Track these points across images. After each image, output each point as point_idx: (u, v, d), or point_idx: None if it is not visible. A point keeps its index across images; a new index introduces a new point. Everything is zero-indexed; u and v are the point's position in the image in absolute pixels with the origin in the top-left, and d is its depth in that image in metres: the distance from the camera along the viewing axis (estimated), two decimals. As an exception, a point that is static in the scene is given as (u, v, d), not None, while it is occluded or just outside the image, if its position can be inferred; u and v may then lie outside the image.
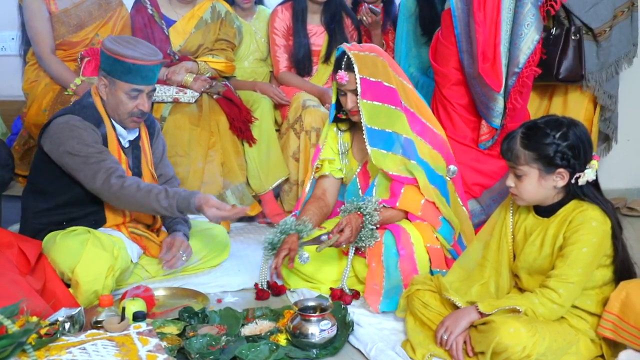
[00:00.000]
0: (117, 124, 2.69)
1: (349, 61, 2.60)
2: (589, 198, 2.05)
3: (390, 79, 2.66)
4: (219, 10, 3.68)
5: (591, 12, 3.35)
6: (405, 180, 2.64)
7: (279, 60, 3.86)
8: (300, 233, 2.64)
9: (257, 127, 3.60)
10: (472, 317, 2.08)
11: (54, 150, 2.58)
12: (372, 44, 2.78)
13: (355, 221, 2.53)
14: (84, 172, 2.55)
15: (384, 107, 2.63)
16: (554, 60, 3.31)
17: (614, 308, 1.99)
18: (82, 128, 2.57)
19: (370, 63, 2.63)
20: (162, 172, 2.90)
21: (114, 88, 2.62)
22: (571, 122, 2.05)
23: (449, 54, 3.14)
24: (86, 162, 2.53)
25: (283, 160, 3.65)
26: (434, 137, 2.76)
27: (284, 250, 2.60)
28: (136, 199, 2.52)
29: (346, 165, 2.85)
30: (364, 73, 2.60)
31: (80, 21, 3.41)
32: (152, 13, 3.56)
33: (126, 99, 2.61)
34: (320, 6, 3.83)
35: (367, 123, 2.61)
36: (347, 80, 2.61)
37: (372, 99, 2.61)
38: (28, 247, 2.39)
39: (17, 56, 3.63)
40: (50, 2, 3.36)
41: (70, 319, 2.05)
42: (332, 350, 2.20)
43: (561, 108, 3.54)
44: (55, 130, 2.58)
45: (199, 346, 2.10)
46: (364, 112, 2.61)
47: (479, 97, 3.07)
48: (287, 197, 3.68)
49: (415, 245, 2.55)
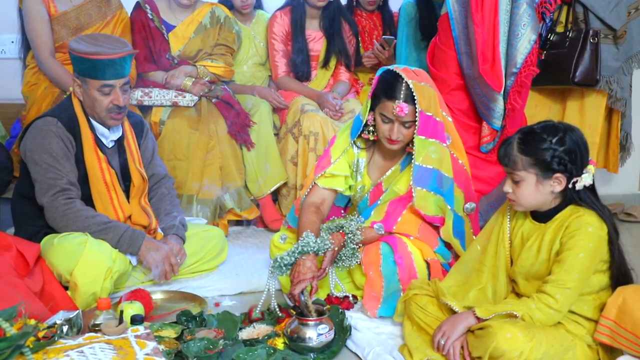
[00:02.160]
0: (97, 123, 2.70)
1: (409, 91, 2.44)
2: (586, 203, 2.06)
3: (439, 113, 2.54)
4: (218, 15, 3.69)
5: (614, 13, 3.34)
6: (435, 220, 2.58)
7: (277, 65, 3.87)
8: (317, 253, 2.39)
9: (256, 131, 3.60)
10: (470, 322, 2.08)
11: (26, 155, 2.62)
12: (422, 70, 2.62)
13: (338, 241, 2.47)
14: (40, 184, 2.58)
15: (436, 143, 2.51)
16: (570, 64, 3.29)
17: (611, 313, 1.99)
18: (55, 134, 2.58)
19: (427, 95, 2.48)
20: (153, 172, 2.91)
21: (86, 87, 2.63)
22: (567, 128, 2.07)
23: (447, 59, 3.14)
24: (45, 174, 2.56)
25: (281, 165, 3.65)
26: (461, 175, 2.64)
27: (306, 281, 2.29)
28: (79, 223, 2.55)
29: (358, 183, 2.74)
30: (422, 106, 2.46)
31: (79, 24, 3.40)
32: (152, 18, 3.57)
33: (99, 95, 2.62)
34: (319, 11, 3.84)
35: (418, 161, 2.50)
36: (407, 113, 2.45)
37: (425, 134, 2.49)
38: (26, 249, 2.40)
39: (17, 59, 3.62)
40: (49, 5, 3.36)
41: (68, 322, 2.04)
42: (330, 354, 2.20)
43: (578, 115, 3.52)
44: (31, 133, 2.62)
45: (197, 350, 2.10)
46: (418, 149, 2.48)
47: (479, 98, 3.08)
48: (285, 201, 3.68)
49: (414, 254, 2.53)
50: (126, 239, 2.59)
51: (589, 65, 3.31)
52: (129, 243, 2.60)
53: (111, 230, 2.58)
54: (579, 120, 3.44)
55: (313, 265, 2.33)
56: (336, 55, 3.89)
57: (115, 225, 2.61)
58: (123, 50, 2.61)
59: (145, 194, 2.85)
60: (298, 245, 2.36)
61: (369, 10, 4.08)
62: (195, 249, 2.87)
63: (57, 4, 3.37)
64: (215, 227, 3.12)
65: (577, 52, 3.29)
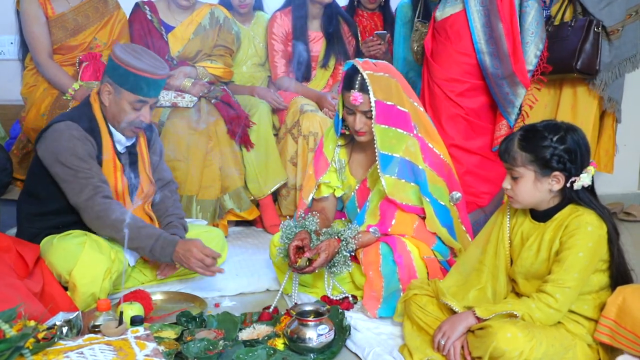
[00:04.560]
0: (114, 130, 2.68)
1: (363, 81, 2.49)
2: (585, 203, 2.06)
3: (404, 102, 2.56)
4: (217, 16, 3.69)
5: (605, 11, 3.37)
6: (415, 210, 2.58)
7: (277, 66, 3.87)
8: (305, 228, 2.55)
9: (255, 132, 3.60)
10: (469, 322, 2.08)
11: (47, 157, 2.57)
12: (384, 62, 2.65)
13: (333, 247, 2.50)
14: (72, 185, 2.54)
15: (397, 132, 2.53)
16: (573, 51, 3.32)
17: (611, 313, 1.99)
18: (78, 138, 2.55)
19: (385, 85, 2.52)
20: (159, 177, 2.90)
21: (118, 97, 2.60)
22: (570, 127, 2.07)
23: (458, 60, 3.12)
24: (75, 175, 2.53)
25: (281, 165, 3.65)
26: (440, 165, 2.64)
27: (296, 241, 2.49)
28: (115, 224, 2.51)
29: (343, 182, 2.78)
30: (379, 96, 2.49)
31: (77, 25, 3.41)
32: (151, 19, 3.57)
33: (129, 109, 2.60)
34: (319, 11, 3.84)
35: (381, 148, 2.52)
36: (361, 102, 2.50)
37: (386, 123, 2.51)
38: (26, 250, 2.40)
39: (16, 60, 3.63)
40: (47, 7, 3.36)
41: (68, 323, 2.04)
42: (330, 354, 2.20)
43: (570, 113, 3.53)
44: (52, 137, 2.57)
45: (197, 350, 2.10)
46: (378, 137, 2.51)
47: (505, 96, 3.09)
48: (285, 201, 3.68)
49: (413, 252, 2.53)
50: (159, 245, 2.55)
51: (591, 54, 3.33)
52: (161, 250, 2.55)
53: (145, 235, 2.55)
54: (571, 119, 3.45)
55: (307, 235, 2.52)
56: (335, 56, 3.89)
57: (149, 231, 2.57)
58: (166, 72, 2.62)
59: (150, 200, 2.84)
60: (282, 232, 2.57)
61: (370, 9, 4.09)
62: (194, 250, 2.86)
63: (54, 5, 3.37)
64: (215, 228, 3.12)
65: (581, 39, 3.32)
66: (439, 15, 3.20)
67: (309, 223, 2.57)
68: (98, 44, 3.46)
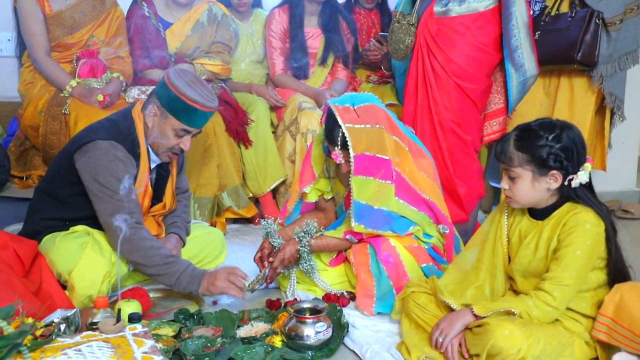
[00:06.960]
0: (151, 149, 2.63)
1: (344, 138, 2.44)
2: (583, 201, 2.06)
3: (386, 148, 2.50)
4: (215, 13, 3.68)
5: (603, 3, 3.35)
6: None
7: (275, 63, 3.87)
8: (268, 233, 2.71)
9: (254, 129, 3.60)
10: (467, 319, 2.08)
11: (85, 172, 2.49)
12: (369, 105, 2.54)
13: (290, 248, 2.61)
14: (105, 205, 2.47)
15: (375, 182, 2.49)
16: (574, 42, 3.32)
17: (608, 311, 2.00)
18: (120, 160, 2.48)
19: (366, 137, 2.46)
20: (178, 185, 2.87)
21: (163, 121, 2.54)
22: (565, 125, 2.07)
23: (484, 60, 3.03)
24: (112, 196, 2.45)
25: (280, 162, 3.65)
26: (417, 200, 2.59)
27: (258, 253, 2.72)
28: (140, 251, 2.46)
29: (334, 188, 2.79)
30: (359, 150, 2.45)
31: (74, 22, 3.40)
32: (149, 15, 3.56)
33: (172, 135, 2.55)
34: (318, 8, 3.84)
35: (357, 197, 2.49)
36: (341, 160, 2.49)
37: (364, 174, 2.48)
38: (23, 248, 2.38)
39: (13, 57, 3.62)
40: (44, 4, 3.35)
41: (65, 320, 2.04)
42: (328, 352, 2.21)
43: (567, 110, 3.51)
44: (94, 154, 2.48)
45: (195, 348, 2.10)
46: (355, 187, 2.48)
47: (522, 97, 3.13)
48: (283, 199, 3.67)
49: (398, 247, 2.53)
50: (186, 277, 2.48)
51: (591, 45, 3.33)
52: (188, 281, 2.48)
53: (172, 265, 2.49)
54: (568, 117, 3.44)
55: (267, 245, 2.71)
56: (334, 53, 3.89)
57: (176, 261, 2.52)
58: (216, 105, 2.55)
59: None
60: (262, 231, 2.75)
61: (368, 8, 4.09)
62: (195, 251, 2.85)
63: (51, 3, 3.36)
64: (215, 229, 3.09)
65: (582, 30, 3.31)
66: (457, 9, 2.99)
67: (309, 228, 2.62)
68: (95, 41, 3.45)
